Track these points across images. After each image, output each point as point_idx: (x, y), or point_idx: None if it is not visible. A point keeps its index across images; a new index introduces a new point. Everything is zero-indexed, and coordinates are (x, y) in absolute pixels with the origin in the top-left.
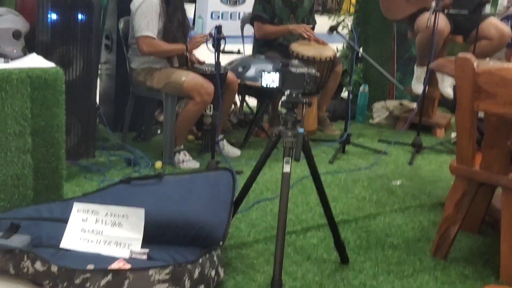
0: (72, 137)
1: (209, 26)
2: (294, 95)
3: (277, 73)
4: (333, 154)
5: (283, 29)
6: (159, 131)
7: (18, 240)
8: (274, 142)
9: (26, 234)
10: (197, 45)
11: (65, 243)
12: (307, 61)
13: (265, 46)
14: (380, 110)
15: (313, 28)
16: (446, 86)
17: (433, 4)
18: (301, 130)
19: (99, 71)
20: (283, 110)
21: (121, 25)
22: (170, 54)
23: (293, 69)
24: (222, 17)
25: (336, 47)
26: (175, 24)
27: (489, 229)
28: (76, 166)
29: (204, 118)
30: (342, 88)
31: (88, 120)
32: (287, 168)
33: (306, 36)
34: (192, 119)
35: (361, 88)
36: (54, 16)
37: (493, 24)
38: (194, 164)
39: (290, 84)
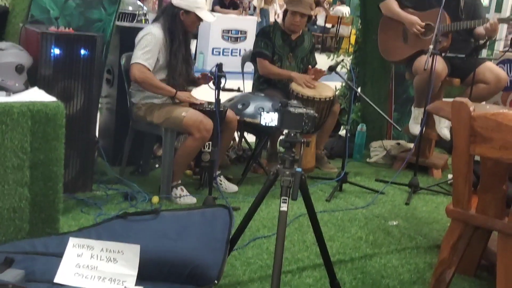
0: (70, 170)
1: (210, 62)
2: (292, 134)
3: (276, 112)
4: (330, 192)
5: (285, 74)
6: (157, 166)
7: (11, 275)
8: (271, 180)
9: (20, 269)
10: (185, 100)
11: (59, 278)
12: (307, 100)
13: (265, 84)
14: (378, 149)
15: (313, 67)
16: (443, 128)
17: (431, 47)
18: (298, 169)
19: (99, 105)
20: (281, 149)
21: (123, 61)
22: (157, 92)
23: (292, 109)
24: (223, 53)
25: (335, 85)
26: (180, 59)
27: (485, 273)
28: (73, 199)
29: (202, 155)
30: (340, 126)
31: (86, 154)
32: (284, 207)
33: (306, 87)
34: (191, 154)
35: (359, 127)
36: (57, 51)
37: (489, 69)
38: (191, 200)
39: (289, 124)
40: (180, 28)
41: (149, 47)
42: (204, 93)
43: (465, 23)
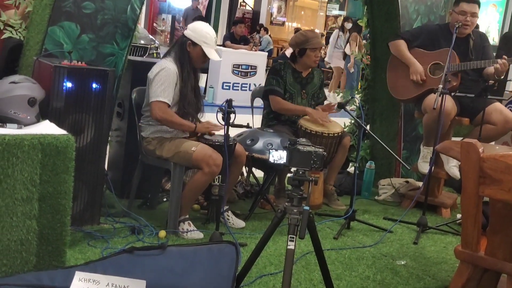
0: (79, 203)
1: (220, 96)
2: (300, 172)
3: (285, 150)
4: (337, 230)
5: (300, 109)
6: (165, 199)
7: None
8: (279, 218)
9: None
10: (206, 131)
11: None
12: (315, 135)
13: (274, 120)
14: (386, 187)
15: (322, 104)
16: (452, 166)
17: (440, 86)
18: (306, 207)
19: (109, 138)
20: (289, 187)
21: (134, 95)
22: (178, 128)
23: (301, 147)
24: (233, 88)
25: (344, 122)
26: (189, 88)
27: None
28: (80, 232)
29: (212, 188)
30: (349, 163)
31: (95, 187)
32: (291, 245)
33: (321, 123)
34: (199, 189)
35: (367, 164)
36: (69, 84)
37: (498, 110)
38: (198, 235)
39: (297, 162)
40: (188, 58)
41: (166, 82)
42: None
43: (474, 63)
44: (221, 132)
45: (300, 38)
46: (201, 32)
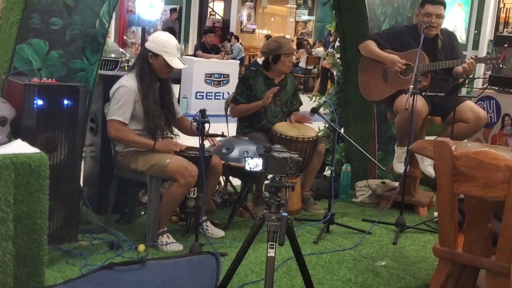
0: (55, 221)
1: (194, 106)
2: (277, 179)
3: (261, 158)
4: (317, 234)
5: (254, 105)
6: (142, 213)
7: None
8: (258, 226)
9: None
10: (166, 149)
11: None
12: (290, 140)
13: (249, 127)
14: (363, 189)
15: (297, 110)
16: (427, 165)
17: (411, 86)
18: (284, 214)
19: (83, 154)
20: (267, 194)
21: (106, 109)
22: (135, 146)
23: (276, 154)
24: (206, 97)
25: (318, 126)
26: (151, 101)
27: None
28: (58, 251)
29: (187, 201)
30: (325, 167)
31: (71, 204)
32: (271, 253)
33: (271, 94)
34: (176, 201)
35: (344, 167)
36: (40, 102)
37: (469, 108)
38: (177, 247)
39: (273, 169)
40: (148, 71)
41: (122, 100)
42: (188, 138)
43: (443, 62)
44: (196, 143)
45: (273, 45)
46: (160, 42)
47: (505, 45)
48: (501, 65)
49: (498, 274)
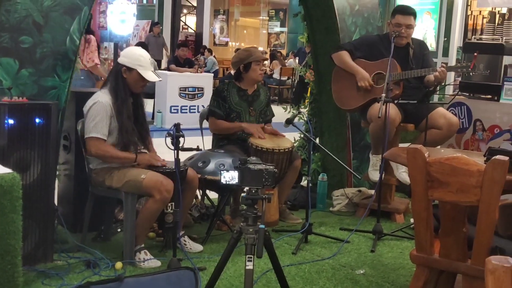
0: (30, 241)
1: (169, 120)
2: (253, 191)
3: (236, 170)
4: (295, 245)
5: (236, 126)
6: (119, 230)
7: None
8: (235, 239)
9: None
10: (147, 163)
11: None
12: (266, 152)
13: (224, 140)
14: (340, 198)
15: (270, 121)
16: (402, 172)
17: (383, 95)
18: (262, 226)
19: (57, 172)
20: (244, 206)
21: (79, 127)
22: (116, 161)
23: (252, 166)
24: (181, 111)
25: (293, 137)
26: (125, 116)
27: None
28: (34, 271)
29: (165, 216)
30: (302, 177)
31: (46, 223)
32: (249, 266)
33: (257, 137)
34: (152, 217)
35: (320, 177)
36: (11, 121)
37: (441, 114)
38: (155, 263)
39: (249, 181)
40: (123, 86)
41: (98, 116)
42: (163, 153)
43: (416, 71)
44: (171, 157)
45: (243, 54)
46: (133, 55)
47: (475, 53)
48: (471, 73)
49: (474, 278)
